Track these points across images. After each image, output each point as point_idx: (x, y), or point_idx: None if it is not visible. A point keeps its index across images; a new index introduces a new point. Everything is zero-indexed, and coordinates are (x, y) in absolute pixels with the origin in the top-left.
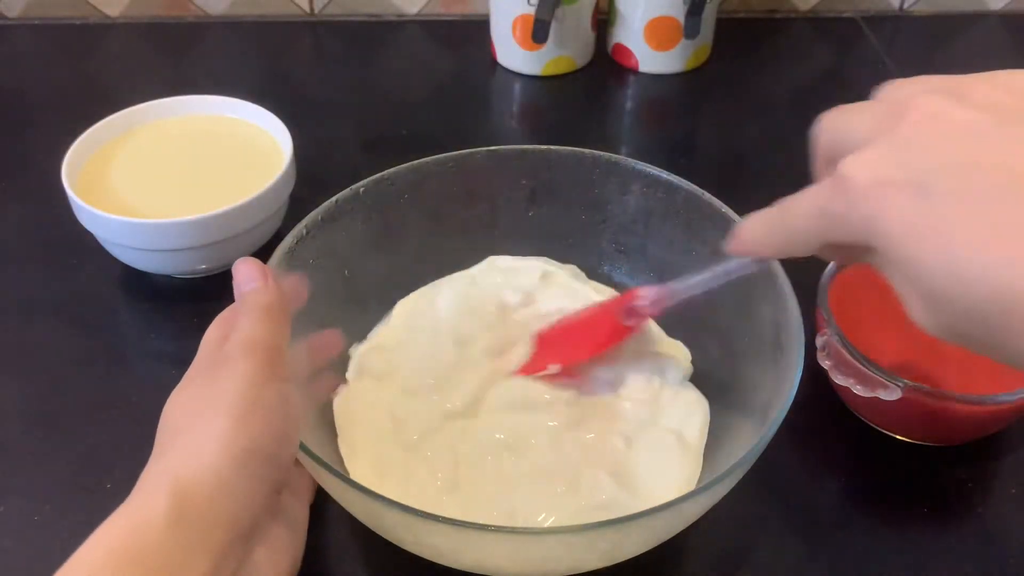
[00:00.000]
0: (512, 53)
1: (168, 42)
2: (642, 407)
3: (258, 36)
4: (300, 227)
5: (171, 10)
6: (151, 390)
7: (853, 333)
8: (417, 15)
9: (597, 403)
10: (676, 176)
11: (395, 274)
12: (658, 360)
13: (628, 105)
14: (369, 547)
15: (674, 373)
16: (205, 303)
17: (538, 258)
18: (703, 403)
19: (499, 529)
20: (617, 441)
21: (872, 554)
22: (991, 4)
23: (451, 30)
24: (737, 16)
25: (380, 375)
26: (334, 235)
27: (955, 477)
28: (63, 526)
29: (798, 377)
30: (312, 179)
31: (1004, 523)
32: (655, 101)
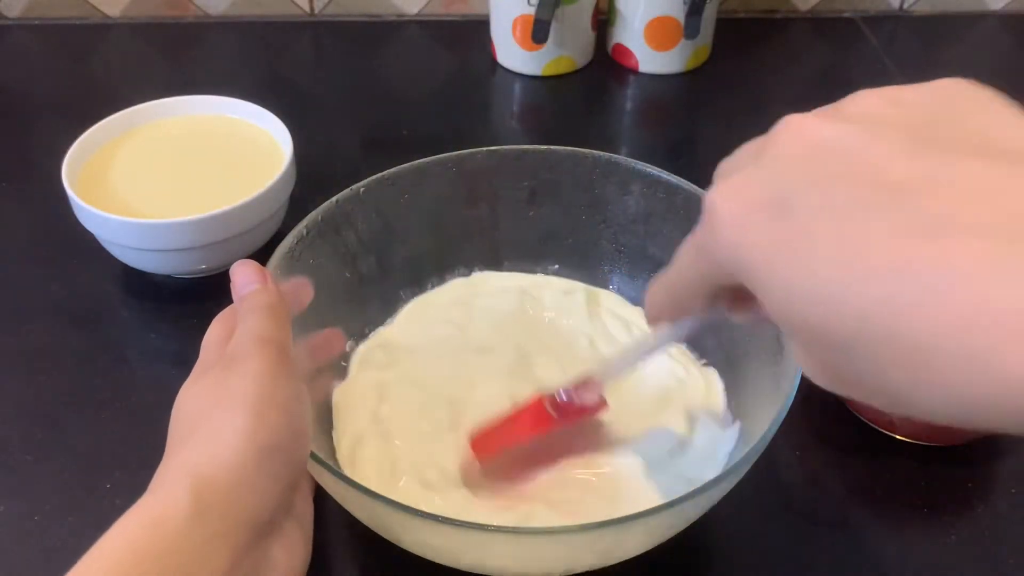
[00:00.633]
0: (512, 53)
1: (168, 42)
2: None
3: (258, 36)
4: (300, 227)
5: (171, 10)
6: (151, 390)
7: None
8: (417, 15)
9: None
10: (676, 176)
11: (395, 274)
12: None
13: (628, 105)
14: (369, 547)
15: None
16: (205, 303)
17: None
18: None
19: (499, 529)
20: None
21: (872, 554)
22: (991, 4)
23: (451, 30)
24: (737, 16)
25: (382, 370)
26: (334, 235)
27: (955, 477)
28: (63, 526)
29: (798, 377)
30: (312, 179)
31: (1004, 523)
32: (655, 101)
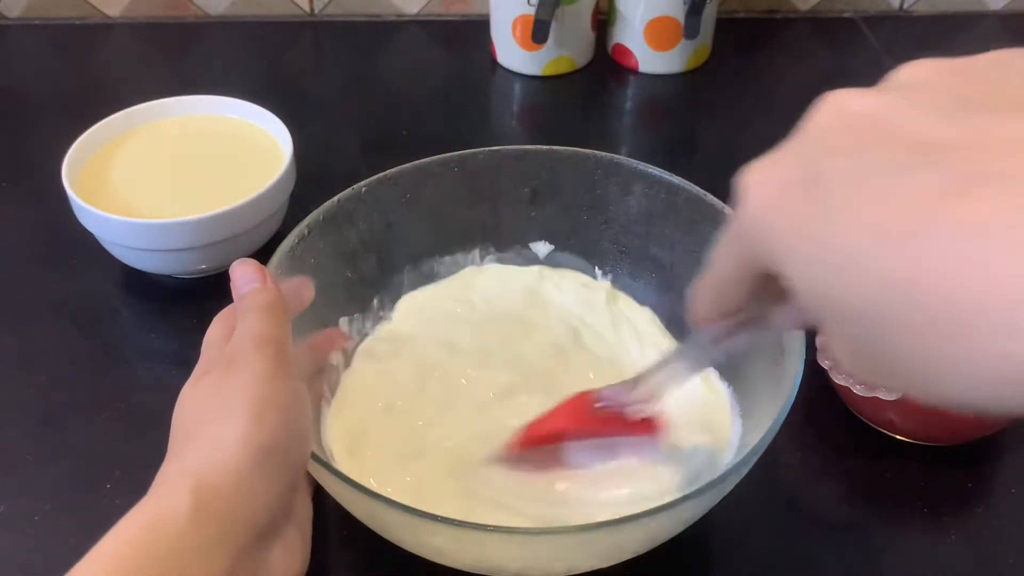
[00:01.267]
0: (512, 53)
1: (168, 42)
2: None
3: (258, 36)
4: (302, 226)
5: (171, 10)
6: (151, 390)
7: None
8: (417, 15)
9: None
10: (677, 176)
11: (396, 274)
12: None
13: (628, 105)
14: (369, 547)
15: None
16: (205, 303)
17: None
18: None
19: (499, 529)
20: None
21: (872, 554)
22: (991, 4)
23: (451, 30)
24: (737, 16)
25: (382, 362)
26: (335, 235)
27: (955, 477)
28: (63, 526)
29: (798, 377)
30: (312, 179)
31: (1004, 523)
32: (655, 101)
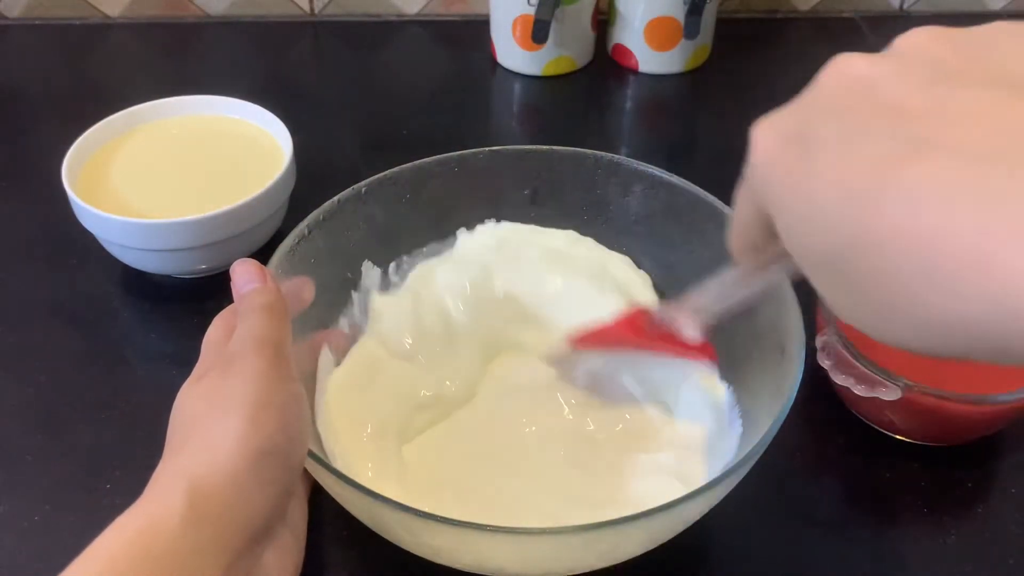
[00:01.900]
0: (512, 53)
1: (168, 42)
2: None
3: (258, 36)
4: (302, 226)
5: (171, 10)
6: (151, 390)
7: (853, 333)
8: (417, 15)
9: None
10: (678, 177)
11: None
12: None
13: (628, 105)
14: (369, 547)
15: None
16: (205, 303)
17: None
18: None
19: (498, 529)
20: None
21: (872, 554)
22: (991, 4)
23: (451, 30)
24: (737, 16)
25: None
26: (335, 235)
27: (955, 477)
28: (63, 526)
29: (798, 377)
30: (312, 179)
31: (1004, 523)
32: (655, 101)
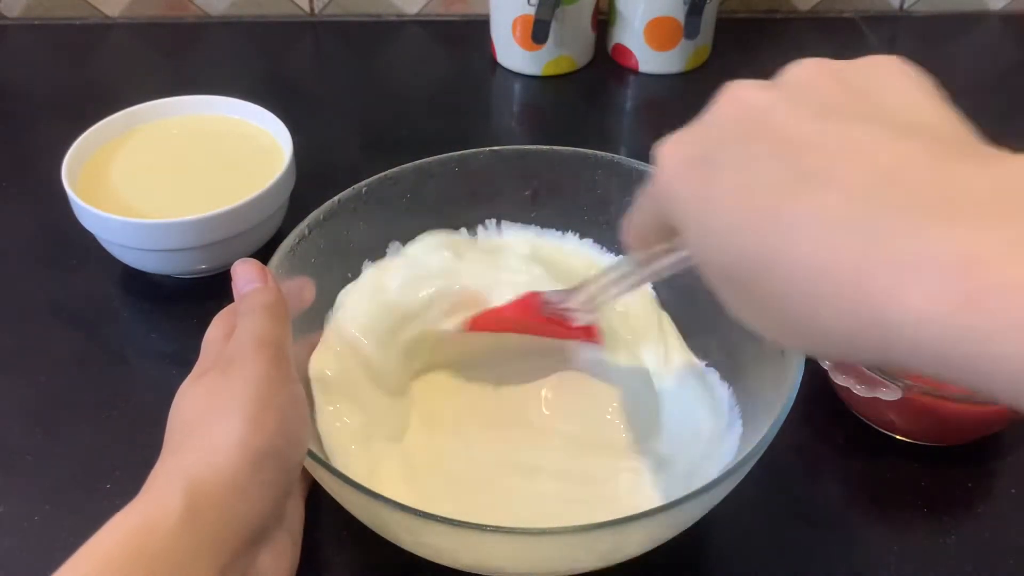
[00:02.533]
0: (512, 53)
1: (168, 42)
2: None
3: (258, 36)
4: (302, 226)
5: (171, 10)
6: (151, 390)
7: None
8: (417, 15)
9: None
10: None
11: None
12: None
13: (628, 105)
14: (369, 547)
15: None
16: (205, 303)
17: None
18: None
19: (498, 529)
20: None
21: (872, 554)
22: (991, 4)
23: (451, 30)
24: (737, 16)
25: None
26: (336, 235)
27: (955, 477)
28: (63, 526)
29: (798, 377)
30: (313, 179)
31: (1004, 523)
32: (655, 101)
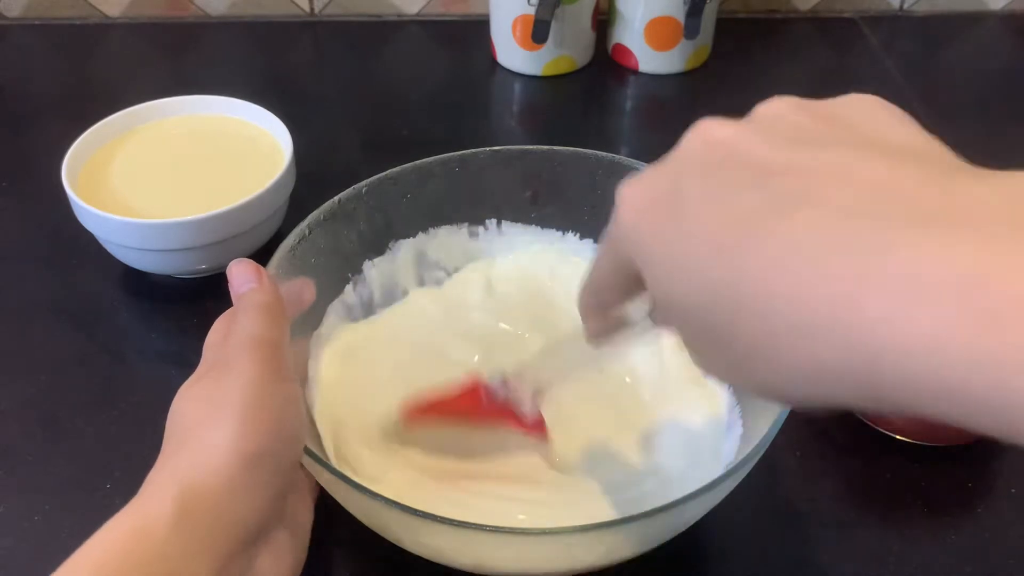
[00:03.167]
0: (512, 53)
1: (168, 42)
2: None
3: (258, 36)
4: (303, 226)
5: (171, 10)
6: (151, 390)
7: None
8: (417, 15)
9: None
10: None
11: (397, 274)
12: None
13: (628, 105)
14: (369, 547)
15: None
16: (205, 303)
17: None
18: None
19: (498, 529)
20: None
21: (872, 554)
22: (991, 4)
23: (451, 30)
24: (737, 16)
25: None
26: (336, 235)
27: (955, 477)
28: (63, 526)
29: None
30: (312, 179)
31: (1004, 523)
32: (655, 101)
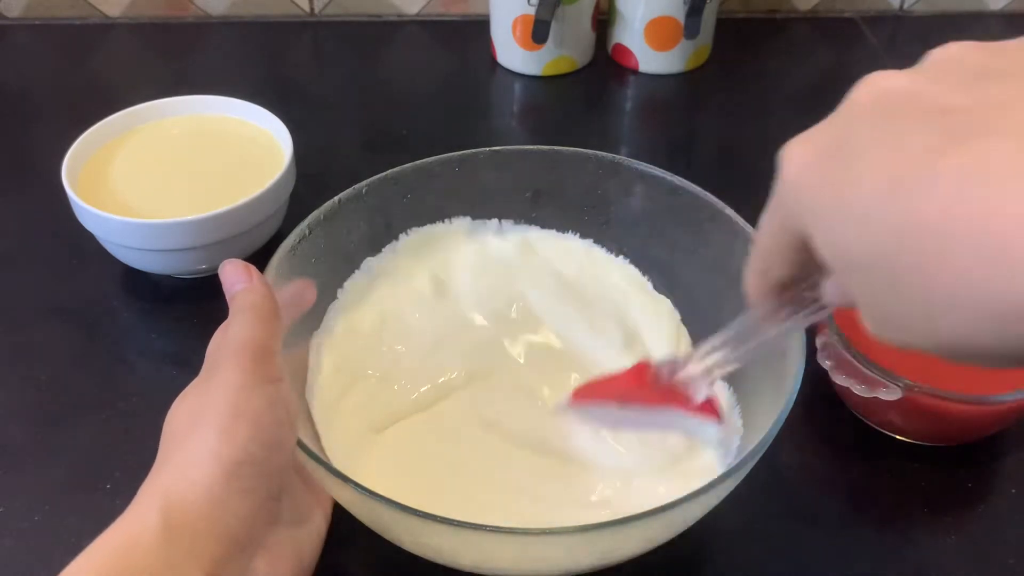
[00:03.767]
0: (512, 53)
1: (168, 42)
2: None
3: (258, 36)
4: (303, 226)
5: (171, 10)
6: (151, 390)
7: (853, 333)
8: (417, 15)
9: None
10: (679, 177)
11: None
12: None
13: (628, 105)
14: (369, 547)
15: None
16: (205, 303)
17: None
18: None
19: (498, 529)
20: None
21: (872, 554)
22: (991, 4)
23: (451, 30)
24: (737, 16)
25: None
26: (336, 235)
27: (955, 477)
28: (63, 526)
29: (798, 377)
30: (312, 179)
31: (1004, 523)
32: (655, 101)
